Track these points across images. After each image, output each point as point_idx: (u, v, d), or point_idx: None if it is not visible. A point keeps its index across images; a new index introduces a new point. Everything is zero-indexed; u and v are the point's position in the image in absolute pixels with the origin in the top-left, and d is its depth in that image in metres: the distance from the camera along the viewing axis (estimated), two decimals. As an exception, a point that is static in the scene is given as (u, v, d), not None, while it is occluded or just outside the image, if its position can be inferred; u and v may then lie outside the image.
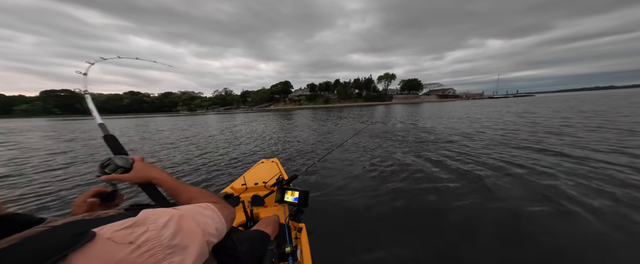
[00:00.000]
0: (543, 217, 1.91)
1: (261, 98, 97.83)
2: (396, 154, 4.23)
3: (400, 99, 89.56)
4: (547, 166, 3.13)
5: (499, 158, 3.67)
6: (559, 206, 2.07)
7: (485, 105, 25.14)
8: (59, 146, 7.28)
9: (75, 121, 32.92)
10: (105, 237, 0.30)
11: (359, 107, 40.96)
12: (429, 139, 5.72)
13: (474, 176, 2.89)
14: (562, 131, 5.83)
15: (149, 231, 0.34)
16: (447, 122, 9.45)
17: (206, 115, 43.65)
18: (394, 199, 2.35)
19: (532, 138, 5.14)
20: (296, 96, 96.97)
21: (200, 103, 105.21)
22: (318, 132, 8.52)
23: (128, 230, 0.33)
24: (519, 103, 25.66)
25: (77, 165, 4.62)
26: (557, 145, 4.34)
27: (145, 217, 0.36)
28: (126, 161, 0.57)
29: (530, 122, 7.84)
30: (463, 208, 2.13)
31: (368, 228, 1.87)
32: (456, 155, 3.99)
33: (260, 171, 2.09)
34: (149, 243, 0.33)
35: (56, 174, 3.93)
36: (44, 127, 17.22)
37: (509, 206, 2.11)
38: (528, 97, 72.90)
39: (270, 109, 70.61)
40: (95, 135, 10.14)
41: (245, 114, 38.56)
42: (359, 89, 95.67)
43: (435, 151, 4.33)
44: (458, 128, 7.40)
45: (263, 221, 1.05)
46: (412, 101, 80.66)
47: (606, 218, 1.84)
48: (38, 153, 5.95)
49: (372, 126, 9.11)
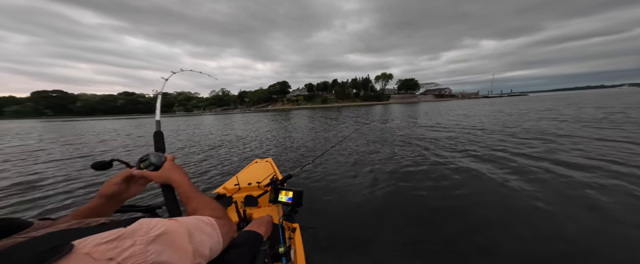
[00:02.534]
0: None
1: (259, 98, 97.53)
2: (391, 154, 4.24)
3: (397, 98, 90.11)
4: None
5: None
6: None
7: (484, 104, 25.32)
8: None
9: (70, 122, 32.25)
10: (83, 252, 0.28)
11: (356, 107, 41.08)
12: (426, 137, 5.75)
13: (473, 174, 2.91)
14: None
15: (135, 246, 0.32)
16: (446, 121, 9.54)
17: (202, 116, 43.32)
18: (389, 199, 2.35)
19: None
20: (294, 96, 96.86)
21: (196, 103, 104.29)
22: (314, 131, 8.50)
23: (111, 244, 0.31)
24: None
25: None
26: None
27: (137, 228, 0.35)
28: (159, 159, 0.59)
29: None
30: (459, 205, 2.14)
31: (362, 227, 1.87)
32: (450, 153, 4.02)
33: (253, 171, 2.05)
34: (131, 259, 0.31)
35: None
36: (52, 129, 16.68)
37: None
38: (522, 96, 73.82)
39: (268, 110, 70.40)
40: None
41: (243, 114, 38.42)
42: (356, 89, 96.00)
43: (434, 151, 4.36)
44: (460, 125, 7.49)
45: (256, 222, 1.04)
46: (409, 101, 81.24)
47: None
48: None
49: (367, 126, 9.12)
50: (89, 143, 7.92)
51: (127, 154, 5.93)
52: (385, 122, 10.18)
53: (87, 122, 29.84)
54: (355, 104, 76.59)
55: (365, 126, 8.98)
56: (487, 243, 1.60)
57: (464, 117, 10.60)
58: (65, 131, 13.53)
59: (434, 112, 15.10)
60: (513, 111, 13.08)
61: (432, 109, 19.40)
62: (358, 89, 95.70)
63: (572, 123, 6.85)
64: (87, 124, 23.61)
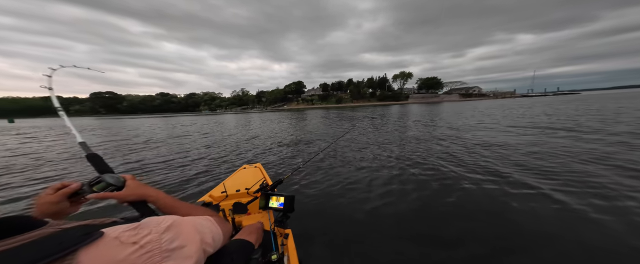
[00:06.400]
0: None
1: (275, 98, 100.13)
2: (388, 155, 4.10)
3: (417, 98, 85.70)
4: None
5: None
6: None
7: (520, 104, 22.71)
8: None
9: (121, 119, 36.58)
10: (112, 236, 0.33)
11: (372, 107, 40.02)
12: (425, 138, 5.48)
13: (474, 178, 2.67)
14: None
15: (151, 234, 0.37)
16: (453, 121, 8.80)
17: (224, 114, 46.04)
18: (385, 202, 2.27)
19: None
20: (309, 96, 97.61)
21: (219, 103, 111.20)
22: (319, 129, 8.46)
23: (133, 231, 0.35)
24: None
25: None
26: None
27: (148, 221, 0.39)
28: (118, 179, 0.56)
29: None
30: (457, 209, 2.02)
31: (356, 231, 1.82)
32: (449, 154, 3.75)
33: (242, 177, 1.94)
34: (150, 244, 0.35)
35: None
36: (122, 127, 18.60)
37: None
38: (574, 95, 63.34)
39: (283, 109, 71.83)
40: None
41: (260, 113, 39.80)
42: (372, 88, 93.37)
43: (431, 150, 4.19)
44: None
45: (245, 230, 1.02)
46: (430, 101, 76.83)
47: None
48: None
49: (367, 124, 8.85)
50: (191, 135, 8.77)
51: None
52: (396, 123, 9.75)
53: (138, 119, 33.02)
54: (371, 104, 74.65)
55: (356, 127, 8.62)
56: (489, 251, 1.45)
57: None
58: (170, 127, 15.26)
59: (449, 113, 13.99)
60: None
61: (451, 110, 18.04)
62: (374, 88, 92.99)
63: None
64: (139, 121, 25.84)
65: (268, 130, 10.15)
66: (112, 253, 0.31)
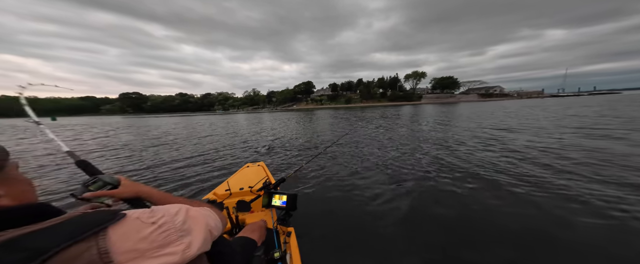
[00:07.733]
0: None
1: (285, 98, 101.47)
2: (395, 155, 4.00)
3: (430, 98, 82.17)
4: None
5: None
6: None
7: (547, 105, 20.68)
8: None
9: (145, 118, 39.21)
10: (134, 217, 0.38)
11: (383, 108, 39.13)
12: (425, 138, 5.31)
13: (479, 179, 2.51)
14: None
15: (165, 216, 0.41)
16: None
17: (237, 114, 47.50)
18: (387, 201, 2.23)
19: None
20: (318, 96, 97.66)
21: (232, 103, 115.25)
22: (323, 130, 8.36)
23: (150, 214, 0.40)
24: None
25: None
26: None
27: (158, 208, 0.43)
28: (113, 179, 0.59)
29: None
30: (462, 211, 1.95)
31: (359, 230, 1.81)
32: (451, 154, 3.54)
33: (245, 175, 1.98)
34: (166, 225, 0.40)
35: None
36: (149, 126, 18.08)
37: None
38: (614, 95, 54.14)
39: (293, 109, 72.51)
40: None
41: (271, 113, 40.48)
42: (383, 88, 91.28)
43: (430, 150, 4.05)
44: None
45: (249, 227, 1.04)
46: (445, 101, 73.44)
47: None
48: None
49: (373, 124, 8.62)
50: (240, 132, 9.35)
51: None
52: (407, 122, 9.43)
53: (162, 118, 34.89)
54: (381, 104, 72.91)
55: (355, 129, 8.36)
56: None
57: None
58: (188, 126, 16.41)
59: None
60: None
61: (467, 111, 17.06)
62: (385, 88, 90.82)
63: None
64: (164, 119, 27.30)
65: (276, 128, 10.29)
66: (136, 231, 0.36)
